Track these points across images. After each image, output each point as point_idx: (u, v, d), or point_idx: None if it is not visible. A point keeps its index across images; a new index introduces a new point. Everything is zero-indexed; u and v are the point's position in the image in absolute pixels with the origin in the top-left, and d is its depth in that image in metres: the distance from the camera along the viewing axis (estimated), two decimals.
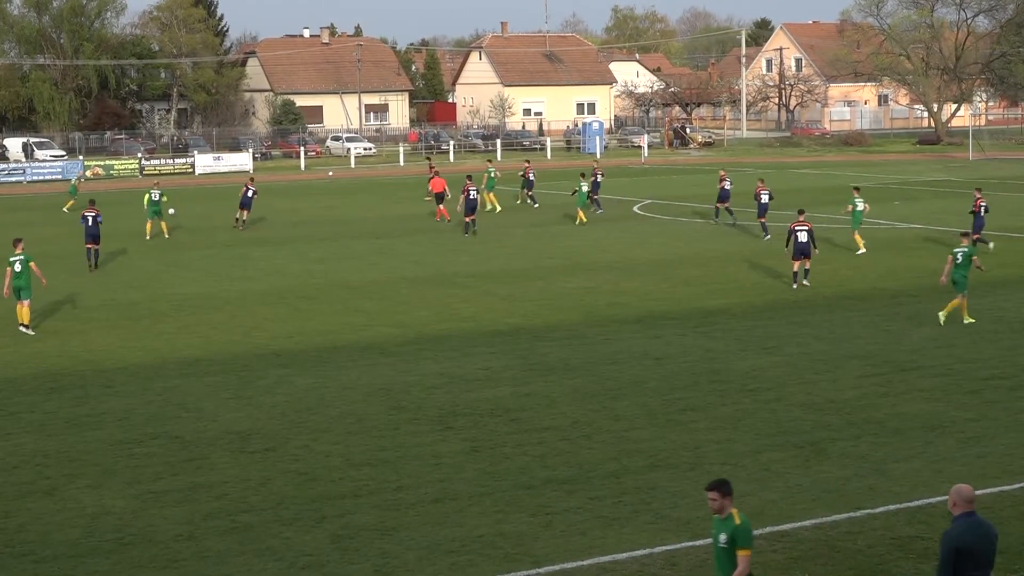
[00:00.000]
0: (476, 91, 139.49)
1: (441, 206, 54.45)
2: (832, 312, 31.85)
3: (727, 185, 50.97)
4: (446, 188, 54.97)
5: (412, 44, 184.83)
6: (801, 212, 36.25)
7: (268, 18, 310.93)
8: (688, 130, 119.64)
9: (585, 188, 53.30)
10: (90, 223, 41.94)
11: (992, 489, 17.88)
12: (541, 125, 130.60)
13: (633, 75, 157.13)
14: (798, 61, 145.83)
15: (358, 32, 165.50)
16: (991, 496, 17.59)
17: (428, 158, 77.41)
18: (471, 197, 48.94)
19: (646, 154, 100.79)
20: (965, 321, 29.87)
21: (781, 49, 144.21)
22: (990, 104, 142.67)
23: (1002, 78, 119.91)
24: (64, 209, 61.29)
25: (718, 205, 51.59)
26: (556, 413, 22.56)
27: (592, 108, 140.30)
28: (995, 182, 68.16)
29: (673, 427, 21.55)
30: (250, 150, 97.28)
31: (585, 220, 52.45)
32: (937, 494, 17.65)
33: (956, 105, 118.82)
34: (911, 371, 25.33)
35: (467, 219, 49.07)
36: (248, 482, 18.90)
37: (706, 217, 53.63)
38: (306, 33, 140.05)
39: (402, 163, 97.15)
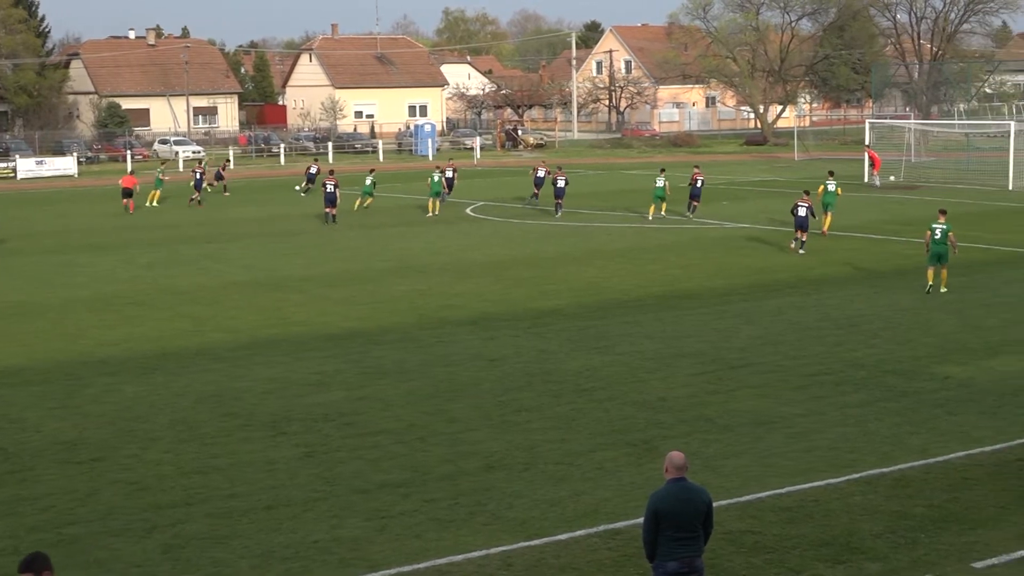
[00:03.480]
0: (307, 93, 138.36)
1: (129, 200, 61.11)
2: (663, 311, 32.23)
3: (560, 182, 55.12)
4: (136, 184, 62.03)
5: (241, 46, 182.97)
6: (807, 192, 43.62)
7: (92, 19, 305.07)
8: (520, 132, 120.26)
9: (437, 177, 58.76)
10: None
11: (819, 483, 18.22)
12: (373, 127, 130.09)
13: (465, 77, 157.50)
14: (627, 63, 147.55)
15: (185, 34, 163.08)
16: (819, 489, 17.93)
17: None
18: (328, 191, 53.77)
19: (478, 156, 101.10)
20: (930, 288, 33.76)
21: (611, 51, 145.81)
22: (814, 105, 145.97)
23: (825, 80, 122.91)
24: (153, 204, 64.30)
25: (557, 201, 55.37)
26: (391, 416, 22.45)
27: (424, 110, 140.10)
28: (819, 181, 69.60)
29: (508, 428, 21.59)
30: (75, 154, 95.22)
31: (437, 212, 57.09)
32: (767, 489, 17.97)
33: (781, 106, 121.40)
34: (740, 368, 25.74)
35: (326, 211, 54.06)
36: (75, 493, 18.44)
37: (539, 219, 53.94)
38: (131, 34, 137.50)
39: (232, 166, 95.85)
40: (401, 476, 19.02)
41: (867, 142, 76.59)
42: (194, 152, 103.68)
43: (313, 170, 70.08)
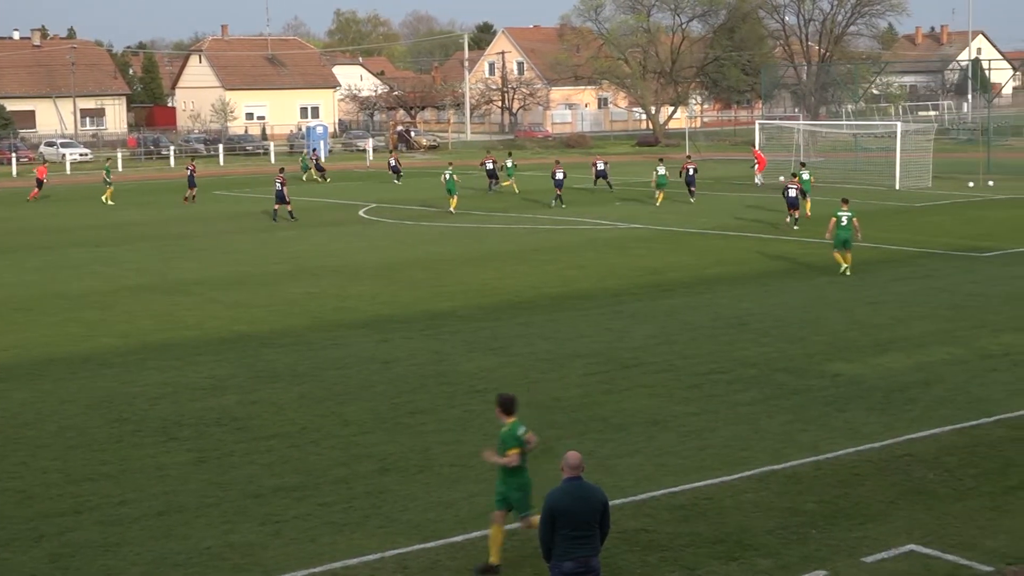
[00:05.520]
0: (197, 95, 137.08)
1: (36, 190, 68.75)
2: (556, 312, 32.31)
3: (559, 175, 60.04)
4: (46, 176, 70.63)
5: (129, 47, 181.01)
6: (795, 175, 50.49)
7: None
8: (413, 133, 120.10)
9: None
10: None
11: (713, 480, 18.38)
12: (264, 129, 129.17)
13: (357, 79, 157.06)
14: (520, 65, 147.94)
15: (71, 34, 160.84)
16: (712, 487, 18.07)
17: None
18: (277, 188, 55.63)
19: (371, 158, 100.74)
20: (846, 270, 36.87)
21: (503, 53, 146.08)
22: (705, 106, 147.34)
23: (715, 81, 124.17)
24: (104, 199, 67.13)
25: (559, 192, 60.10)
26: (284, 420, 22.29)
27: (316, 112, 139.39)
28: (711, 181, 70.33)
29: (402, 430, 21.52)
30: None
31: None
32: (660, 488, 18.08)
33: (673, 108, 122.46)
34: (633, 368, 25.87)
35: (275, 207, 55.87)
36: None
37: (433, 221, 53.94)
38: (15, 35, 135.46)
39: (120, 168, 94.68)
40: (295, 480, 18.89)
41: (756, 143, 77.41)
42: (81, 155, 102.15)
43: (393, 162, 78.27)
